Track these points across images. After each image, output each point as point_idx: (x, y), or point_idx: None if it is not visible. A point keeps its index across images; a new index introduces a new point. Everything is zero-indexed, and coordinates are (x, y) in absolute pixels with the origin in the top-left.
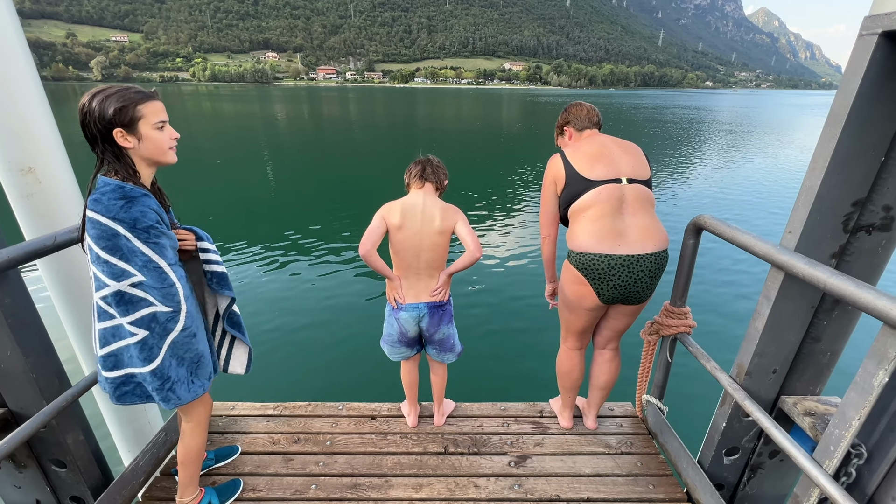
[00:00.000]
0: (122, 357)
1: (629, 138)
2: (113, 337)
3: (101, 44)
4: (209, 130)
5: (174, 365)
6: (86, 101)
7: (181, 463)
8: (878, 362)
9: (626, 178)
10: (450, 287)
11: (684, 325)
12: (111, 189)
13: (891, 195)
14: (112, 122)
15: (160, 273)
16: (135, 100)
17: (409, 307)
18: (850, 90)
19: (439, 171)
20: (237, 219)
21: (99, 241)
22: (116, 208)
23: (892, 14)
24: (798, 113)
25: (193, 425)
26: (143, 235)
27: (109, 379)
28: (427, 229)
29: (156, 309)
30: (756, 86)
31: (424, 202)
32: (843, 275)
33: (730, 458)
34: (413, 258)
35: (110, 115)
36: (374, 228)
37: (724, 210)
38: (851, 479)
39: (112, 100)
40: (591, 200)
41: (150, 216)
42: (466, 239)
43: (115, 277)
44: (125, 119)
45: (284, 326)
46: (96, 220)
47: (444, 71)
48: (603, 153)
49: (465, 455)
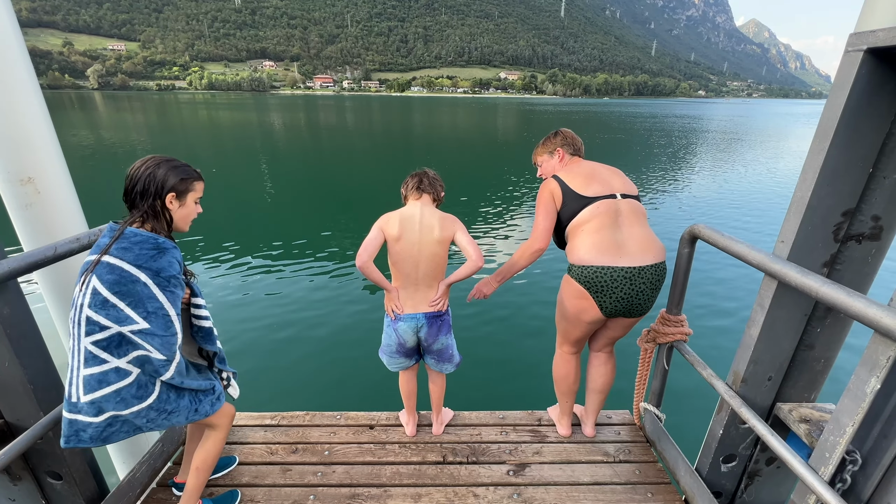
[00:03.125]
0: (109, 402)
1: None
2: (100, 384)
3: (97, 52)
4: (205, 139)
5: (173, 398)
6: (151, 163)
7: (196, 468)
8: (871, 369)
9: (619, 194)
10: (448, 297)
11: (680, 333)
12: (143, 240)
13: (879, 205)
14: (171, 188)
15: (167, 321)
16: (195, 177)
17: (408, 318)
18: (838, 104)
19: (436, 183)
20: (233, 228)
21: (113, 287)
22: (146, 258)
23: (877, 31)
24: (791, 122)
25: (217, 432)
26: (164, 283)
27: (94, 424)
28: (426, 239)
29: (150, 355)
30: (748, 95)
31: (422, 212)
32: (834, 283)
33: (727, 465)
34: (411, 268)
35: (173, 182)
36: (371, 239)
37: (719, 219)
38: (847, 486)
39: (179, 171)
40: (589, 214)
41: (175, 267)
42: (468, 248)
43: (117, 322)
44: (181, 188)
45: (282, 336)
46: (117, 266)
47: (440, 80)
48: (595, 174)
49: (463, 464)
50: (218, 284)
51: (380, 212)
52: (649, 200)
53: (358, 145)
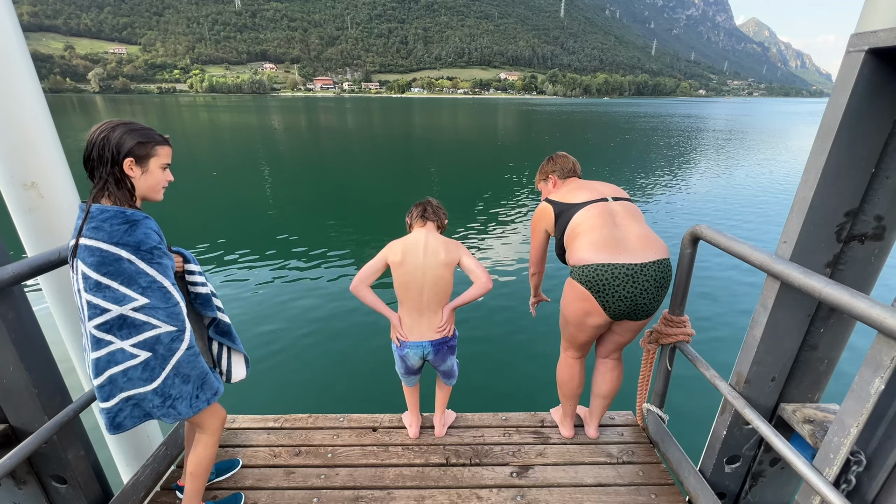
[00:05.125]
0: (118, 381)
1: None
2: (108, 363)
3: (99, 56)
4: (206, 142)
5: (178, 383)
6: (106, 127)
7: (191, 474)
8: (874, 370)
9: (610, 197)
10: (454, 322)
11: (683, 334)
12: (111, 215)
13: (882, 205)
14: (128, 152)
15: (164, 293)
16: (156, 140)
17: (414, 345)
18: (840, 104)
19: (439, 211)
20: (234, 231)
21: (99, 268)
22: (120, 233)
23: (878, 32)
24: (792, 120)
25: (208, 436)
26: (148, 257)
27: (105, 409)
28: (430, 262)
29: (159, 331)
30: (748, 94)
31: (427, 238)
32: (837, 284)
33: (731, 466)
34: (416, 294)
35: (130, 145)
36: (371, 265)
37: (723, 218)
38: (851, 487)
39: (136, 134)
40: (582, 217)
41: (153, 238)
42: (476, 271)
43: (116, 302)
44: (141, 152)
45: (284, 338)
46: (95, 248)
47: (440, 81)
48: (583, 185)
49: (466, 466)
50: (219, 287)
51: (380, 212)
52: (652, 201)
53: (359, 147)
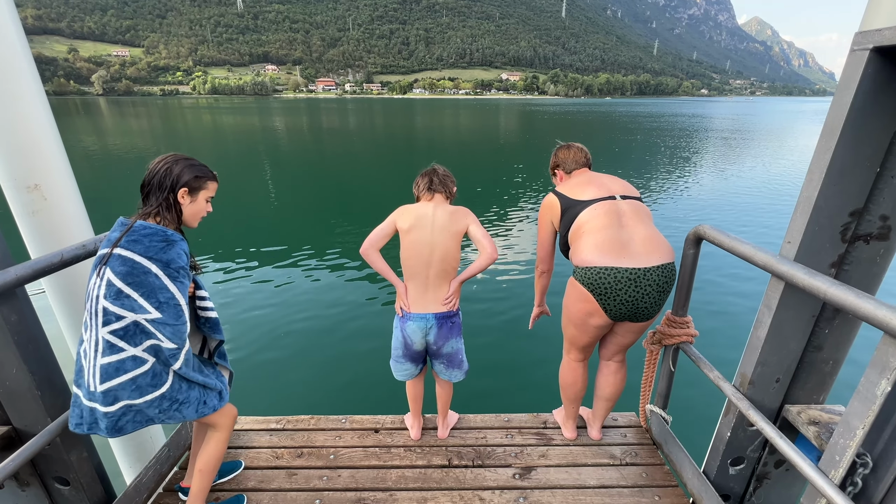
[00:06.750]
0: (125, 390)
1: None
2: (117, 371)
3: (102, 58)
4: (208, 143)
5: (184, 388)
6: (170, 160)
7: (200, 471)
8: (881, 371)
9: (619, 196)
10: (459, 296)
11: (686, 335)
12: (153, 232)
13: (887, 205)
14: (185, 184)
15: (178, 311)
16: (209, 177)
17: (417, 317)
18: (844, 103)
19: (447, 180)
20: (236, 232)
21: (126, 278)
22: (156, 249)
23: (882, 30)
24: (795, 119)
25: (220, 433)
26: (174, 275)
27: (109, 413)
28: (438, 238)
29: (161, 343)
30: (751, 93)
31: (435, 212)
32: (842, 285)
33: (735, 468)
34: (422, 266)
35: (187, 178)
36: (379, 229)
37: (727, 218)
38: (857, 489)
39: (194, 169)
40: (588, 216)
41: (183, 259)
42: (482, 241)
43: (132, 311)
44: (195, 185)
45: (287, 339)
46: (129, 258)
47: (441, 82)
48: (591, 181)
49: (469, 468)
50: (223, 289)
51: (383, 213)
52: (654, 200)
53: (361, 148)
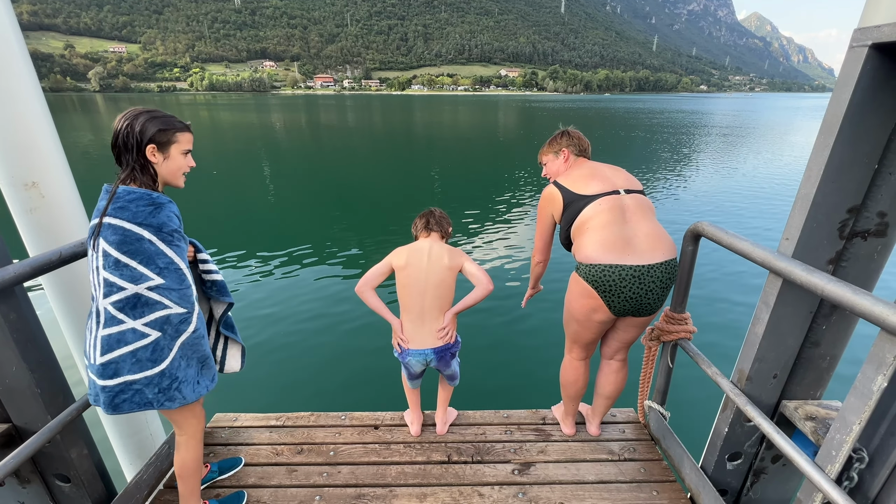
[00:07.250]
0: (125, 363)
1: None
2: (118, 343)
3: (98, 55)
4: (206, 140)
5: (183, 366)
6: (130, 115)
7: (179, 476)
8: (877, 367)
9: (623, 190)
10: (455, 327)
11: (685, 331)
12: (138, 196)
13: (885, 202)
14: (150, 139)
15: (180, 275)
16: (177, 127)
17: (415, 353)
18: (843, 100)
19: (443, 221)
20: (234, 229)
21: (121, 246)
22: (145, 214)
23: (881, 27)
24: (794, 115)
25: (188, 438)
26: (168, 238)
27: (107, 388)
28: (434, 267)
29: (170, 311)
30: (750, 89)
31: (431, 246)
32: (840, 281)
33: (733, 463)
34: (418, 296)
35: (152, 132)
36: (376, 268)
37: (725, 214)
38: (853, 484)
39: (157, 121)
40: (592, 211)
41: (175, 221)
42: (477, 274)
43: (133, 281)
44: (162, 139)
45: (286, 336)
46: (119, 227)
47: (440, 78)
48: (595, 173)
49: (468, 463)
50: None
51: (382, 210)
52: (654, 198)
53: (360, 145)
